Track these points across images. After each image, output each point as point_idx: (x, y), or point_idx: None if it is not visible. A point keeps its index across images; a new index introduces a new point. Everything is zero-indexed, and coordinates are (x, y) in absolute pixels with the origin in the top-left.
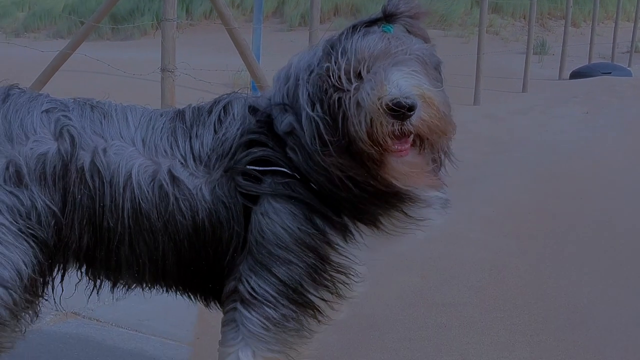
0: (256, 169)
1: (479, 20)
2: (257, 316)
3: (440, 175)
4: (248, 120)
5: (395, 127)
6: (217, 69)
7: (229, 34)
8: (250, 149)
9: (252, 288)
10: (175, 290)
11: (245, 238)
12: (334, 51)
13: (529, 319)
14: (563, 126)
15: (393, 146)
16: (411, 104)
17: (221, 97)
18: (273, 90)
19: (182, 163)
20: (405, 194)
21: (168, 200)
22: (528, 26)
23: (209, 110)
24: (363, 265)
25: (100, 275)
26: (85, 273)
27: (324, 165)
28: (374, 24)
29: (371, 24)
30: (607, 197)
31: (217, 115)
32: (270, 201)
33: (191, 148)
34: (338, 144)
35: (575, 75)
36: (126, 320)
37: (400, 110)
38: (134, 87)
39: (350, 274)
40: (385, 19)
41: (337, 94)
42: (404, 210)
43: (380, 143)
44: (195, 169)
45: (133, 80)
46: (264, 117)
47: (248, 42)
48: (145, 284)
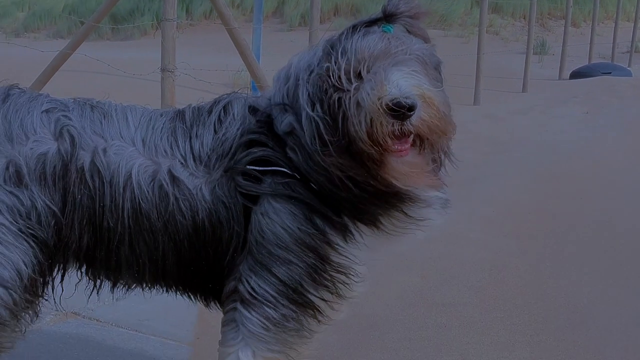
0: (256, 169)
1: (479, 20)
2: (257, 316)
3: (440, 175)
4: (248, 120)
5: (395, 127)
6: (217, 69)
7: (229, 34)
8: (250, 149)
9: (252, 288)
10: (175, 290)
11: (245, 238)
12: (334, 51)
13: (529, 319)
14: (563, 126)
15: (393, 146)
16: (411, 104)
17: (221, 97)
18: (273, 90)
19: (182, 163)
20: (405, 194)
21: (168, 200)
22: (528, 26)
23: (209, 110)
24: (363, 265)
25: (100, 275)
26: (85, 273)
27: (324, 165)
28: (374, 24)
29: (371, 24)
30: (607, 197)
31: (217, 115)
32: (270, 201)
33: (191, 148)
34: (338, 144)
35: (575, 75)
36: (126, 320)
37: (400, 110)
38: (134, 87)
39: (350, 274)
40: (385, 19)
41: (337, 94)
42: (404, 210)
43: (381, 143)
44: (195, 169)
45: (133, 80)
46: (264, 117)
47: (248, 42)
48: (145, 284)
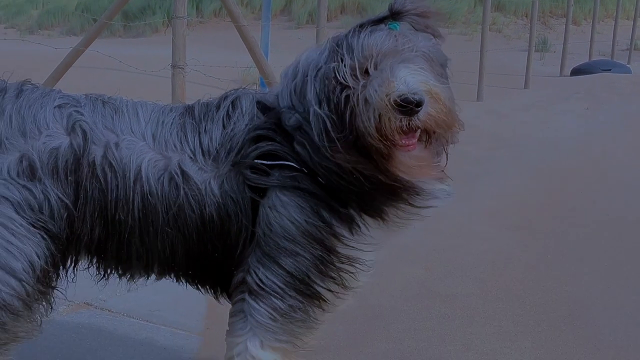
0: (264, 162)
1: (482, 18)
2: (265, 307)
3: (444, 167)
4: (256, 115)
5: (403, 123)
6: (227, 66)
7: (238, 32)
8: (259, 144)
9: (260, 279)
10: (184, 281)
11: (253, 231)
12: (342, 49)
13: (530, 310)
14: (564, 122)
15: (401, 141)
16: (419, 100)
17: (229, 93)
18: (281, 86)
19: (192, 157)
20: (412, 187)
21: (177, 194)
22: (530, 24)
23: (217, 106)
24: (369, 255)
25: (111, 266)
26: (96, 265)
27: (332, 160)
28: (381, 22)
29: (378, 22)
30: (608, 192)
31: (226, 110)
32: (278, 194)
33: (200, 143)
34: (345, 140)
35: (576, 72)
36: (137, 310)
37: (408, 106)
38: (145, 83)
39: (356, 264)
40: (392, 16)
41: (345, 91)
42: (410, 201)
43: (389, 138)
44: (204, 163)
45: (144, 76)
46: (271, 113)
47: (257, 40)
48: (154, 275)
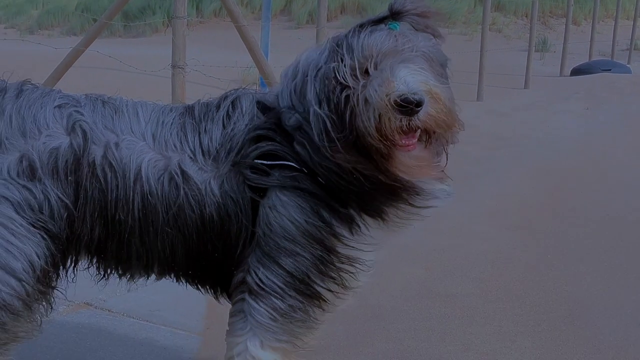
0: (264, 162)
1: (482, 18)
2: (265, 307)
3: (444, 167)
4: (256, 115)
5: (403, 123)
6: (227, 66)
7: (238, 32)
8: (259, 144)
9: (260, 279)
10: (184, 281)
11: (253, 231)
12: (342, 49)
13: (530, 310)
14: (564, 122)
15: (401, 141)
16: (419, 100)
17: (229, 93)
18: (281, 86)
19: (192, 158)
20: (412, 187)
21: (177, 194)
22: (530, 24)
23: (217, 106)
24: (369, 255)
25: (111, 266)
26: (96, 265)
27: (332, 159)
28: (381, 22)
29: (378, 22)
30: (608, 191)
31: (226, 110)
32: (278, 194)
33: (200, 143)
34: (345, 140)
35: (576, 72)
36: (137, 310)
37: (408, 106)
38: (145, 83)
39: (356, 264)
40: (392, 16)
41: (345, 91)
42: (410, 201)
43: (389, 138)
44: (204, 163)
45: (144, 76)
46: (271, 113)
47: (257, 40)
48: (154, 275)
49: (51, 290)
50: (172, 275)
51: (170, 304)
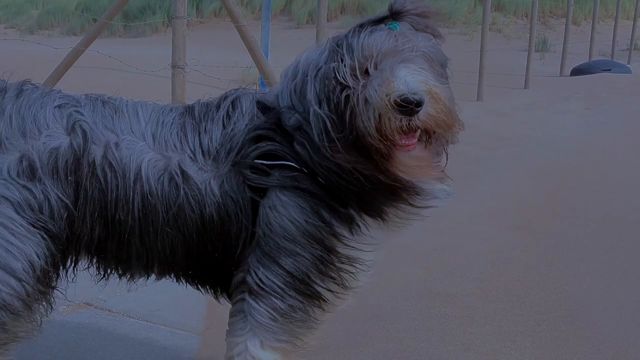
0: (264, 163)
1: (482, 18)
2: (265, 307)
3: (444, 167)
4: (256, 115)
5: (403, 123)
6: (227, 66)
7: (238, 32)
8: (259, 144)
9: (260, 279)
10: (184, 281)
11: (253, 231)
12: (342, 49)
13: (530, 310)
14: (564, 121)
15: (401, 141)
16: (419, 100)
17: (229, 93)
18: (281, 86)
19: (192, 157)
20: (412, 187)
21: (177, 193)
22: (530, 24)
23: (217, 106)
24: (369, 255)
25: (111, 266)
26: (96, 265)
27: (332, 159)
28: (381, 22)
29: (378, 22)
30: (608, 191)
31: (226, 110)
32: (278, 194)
33: (200, 143)
34: (345, 140)
35: (576, 72)
36: (137, 310)
37: (408, 106)
38: (145, 83)
39: (356, 264)
40: (392, 16)
41: (345, 91)
42: (410, 202)
43: (389, 138)
44: (204, 163)
45: (144, 76)
46: (271, 113)
47: (257, 40)
48: (154, 275)
49: (51, 290)
50: (172, 275)
51: (170, 304)
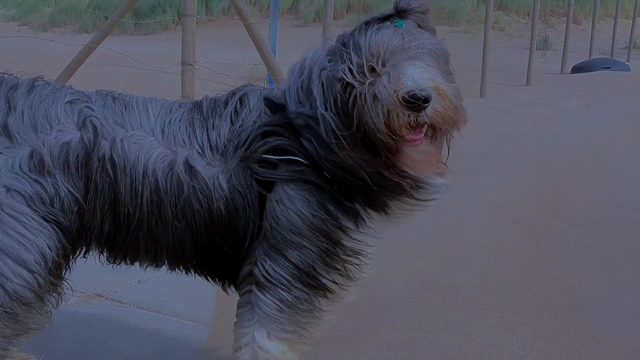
0: (272, 157)
1: (485, 17)
2: (272, 298)
3: (446, 161)
4: (264, 111)
5: (411, 118)
6: (235, 63)
7: (246, 30)
8: (267, 139)
9: (267, 272)
10: (193, 272)
11: (261, 224)
12: (348, 47)
13: (531, 302)
14: (565, 118)
15: (408, 136)
16: (426, 96)
17: (237, 89)
18: (288, 83)
19: (200, 153)
20: (416, 181)
21: (185, 188)
22: (532, 23)
23: (225, 102)
24: (373, 247)
25: (120, 258)
26: (106, 256)
27: (340, 155)
28: (387, 20)
29: (383, 19)
30: (607, 187)
31: (234, 106)
32: (285, 188)
33: (208, 138)
34: (352, 137)
35: (577, 69)
36: (147, 301)
37: (416, 102)
38: (155, 80)
39: (361, 256)
40: (398, 14)
41: (352, 88)
42: (414, 196)
43: (397, 133)
44: (212, 158)
45: (154, 73)
46: (279, 109)
47: (264, 37)
48: (163, 266)
49: (62, 282)
50: (182, 267)
51: (179, 295)
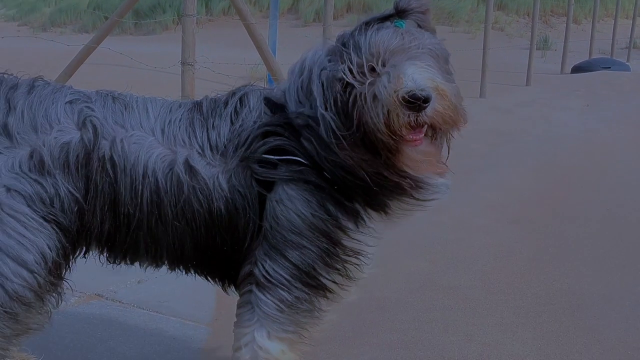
0: (272, 157)
1: (485, 17)
2: (272, 298)
3: (446, 161)
4: (264, 111)
5: (411, 118)
6: (235, 63)
7: (246, 30)
8: (267, 139)
9: (267, 272)
10: (193, 272)
11: (261, 224)
12: (348, 47)
13: (531, 302)
14: (565, 118)
15: (408, 136)
16: (426, 96)
17: (237, 89)
18: (288, 83)
19: (200, 153)
20: (416, 181)
21: (185, 188)
22: (532, 23)
23: (225, 102)
24: (373, 247)
25: (120, 258)
26: (106, 256)
27: (340, 155)
28: (386, 20)
29: (384, 19)
30: (607, 186)
31: (234, 106)
32: (285, 188)
33: (208, 138)
34: (352, 137)
35: (577, 69)
36: (147, 301)
37: (416, 102)
38: (155, 80)
39: (361, 256)
40: (397, 14)
41: (352, 88)
42: (414, 196)
43: (397, 133)
44: (212, 158)
45: (154, 73)
46: (279, 109)
47: (264, 37)
48: (163, 266)
49: (62, 282)
50: (182, 267)
51: (179, 295)
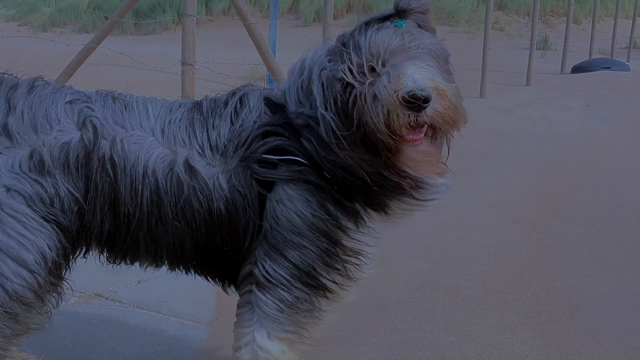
0: (272, 157)
1: (485, 17)
2: (272, 298)
3: (446, 161)
4: (264, 111)
5: (411, 118)
6: (235, 63)
7: (246, 30)
8: (267, 139)
9: (267, 272)
10: (193, 272)
11: (261, 225)
12: (348, 47)
13: (531, 302)
14: (565, 118)
15: (408, 136)
16: (426, 96)
17: (237, 89)
18: (288, 83)
19: (200, 153)
20: (416, 181)
21: (185, 188)
22: (532, 23)
23: (225, 102)
24: (373, 247)
25: (120, 258)
26: (106, 256)
27: (340, 155)
28: (387, 20)
29: (384, 19)
30: (607, 186)
31: (234, 106)
32: (285, 188)
33: (208, 138)
34: (352, 137)
35: (577, 69)
36: (147, 301)
37: (416, 102)
38: (155, 80)
39: (361, 256)
40: (397, 14)
41: (351, 88)
42: (414, 196)
43: (397, 133)
44: (212, 158)
45: (154, 73)
46: (279, 109)
47: (264, 37)
48: (164, 266)
49: (62, 282)
50: (182, 267)
51: (179, 295)
